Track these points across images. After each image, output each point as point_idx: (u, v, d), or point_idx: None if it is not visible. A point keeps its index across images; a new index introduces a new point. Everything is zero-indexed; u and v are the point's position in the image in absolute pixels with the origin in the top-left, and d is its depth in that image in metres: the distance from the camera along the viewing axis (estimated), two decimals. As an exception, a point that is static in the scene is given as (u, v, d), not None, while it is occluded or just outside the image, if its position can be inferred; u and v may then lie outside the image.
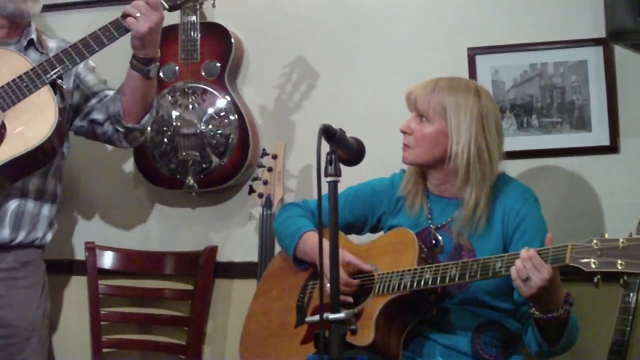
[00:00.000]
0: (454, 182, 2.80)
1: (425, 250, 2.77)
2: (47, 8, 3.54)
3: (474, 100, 2.75)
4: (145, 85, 3.08)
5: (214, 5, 3.25)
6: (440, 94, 2.74)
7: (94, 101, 3.15)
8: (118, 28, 2.95)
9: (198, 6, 3.25)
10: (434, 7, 3.59)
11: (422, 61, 3.56)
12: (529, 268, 2.40)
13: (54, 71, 2.90)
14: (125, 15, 2.94)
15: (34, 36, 3.13)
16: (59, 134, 2.91)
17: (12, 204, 3.00)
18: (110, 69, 3.39)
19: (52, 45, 3.16)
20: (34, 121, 2.85)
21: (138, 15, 2.91)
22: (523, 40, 3.47)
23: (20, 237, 3.06)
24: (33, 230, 3.11)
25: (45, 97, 2.88)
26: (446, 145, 2.73)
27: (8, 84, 2.86)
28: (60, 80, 2.95)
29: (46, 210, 3.16)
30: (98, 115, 3.14)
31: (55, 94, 2.92)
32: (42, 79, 2.88)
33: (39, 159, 2.92)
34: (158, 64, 3.10)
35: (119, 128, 3.13)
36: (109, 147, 3.79)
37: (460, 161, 2.72)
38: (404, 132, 2.80)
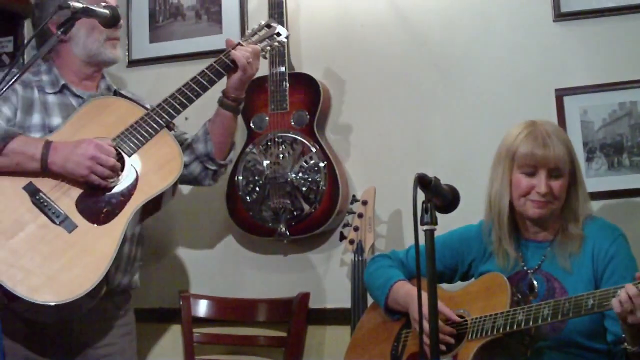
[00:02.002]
0: (551, 226, 2.85)
1: (518, 293, 2.76)
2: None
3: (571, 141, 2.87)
4: (234, 122, 3.24)
5: (285, 40, 3.36)
6: (567, 147, 2.81)
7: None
8: (218, 74, 3.09)
9: (276, 45, 3.32)
10: (520, 49, 3.59)
11: (509, 103, 3.56)
12: (637, 304, 2.38)
13: (168, 115, 3.00)
14: (227, 61, 3.09)
15: (115, 87, 3.25)
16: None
17: (125, 249, 3.05)
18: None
19: (124, 93, 3.25)
20: (159, 164, 2.95)
21: (250, 60, 3.09)
22: (611, 80, 3.45)
23: (126, 281, 3.12)
24: (134, 274, 3.18)
25: (165, 139, 3.00)
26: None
27: (128, 129, 2.95)
28: (172, 124, 3.06)
29: (140, 253, 3.23)
30: (184, 158, 3.17)
31: None
32: (160, 122, 2.98)
33: (162, 201, 3.02)
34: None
35: (210, 166, 3.24)
36: (204, 197, 3.88)
37: (577, 205, 2.82)
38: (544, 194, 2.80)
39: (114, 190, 2.86)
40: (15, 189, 2.81)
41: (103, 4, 2.89)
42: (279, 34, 3.28)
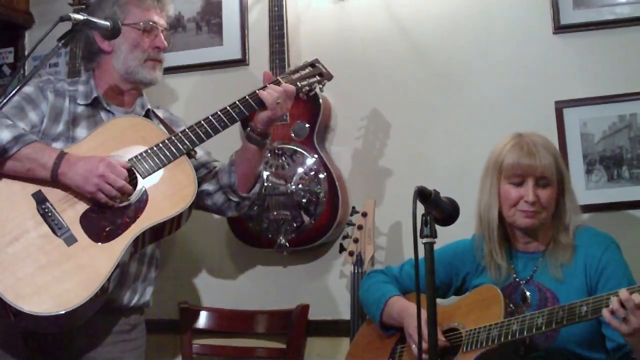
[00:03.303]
0: (542, 236, 2.87)
1: (511, 304, 2.78)
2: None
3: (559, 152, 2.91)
4: (260, 156, 3.15)
5: (327, 81, 3.27)
6: (554, 156, 2.83)
7: (203, 172, 3.19)
8: (249, 107, 3.04)
9: (320, 87, 3.26)
10: (520, 61, 3.61)
11: (509, 116, 3.57)
12: (630, 308, 2.38)
13: (190, 142, 2.96)
14: (259, 98, 3.03)
15: (149, 106, 3.22)
16: (193, 203, 2.97)
17: (132, 268, 3.04)
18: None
19: (160, 115, 3.23)
20: (172, 190, 2.91)
21: (280, 101, 3.02)
22: (610, 92, 3.46)
23: (135, 300, 3.09)
24: (144, 293, 3.15)
25: (183, 167, 2.95)
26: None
27: (146, 151, 2.92)
28: (194, 152, 3.02)
29: (153, 274, 3.20)
30: (209, 187, 3.18)
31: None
32: (180, 148, 2.94)
33: (173, 225, 2.98)
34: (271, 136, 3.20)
35: (233, 198, 3.18)
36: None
37: (567, 215, 2.83)
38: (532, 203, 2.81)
39: (121, 209, 2.83)
40: (24, 195, 2.81)
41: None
42: (322, 75, 3.22)
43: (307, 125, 3.65)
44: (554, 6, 3.54)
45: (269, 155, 3.66)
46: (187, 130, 2.99)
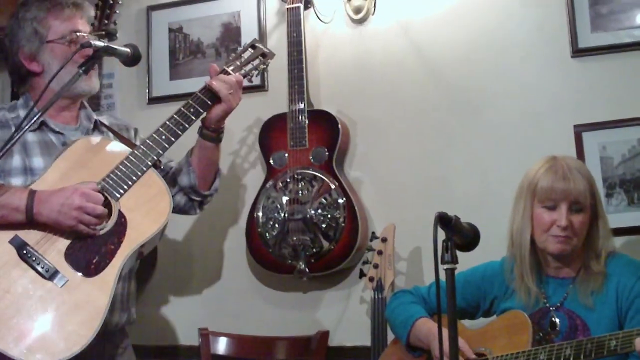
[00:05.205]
0: (573, 262, 2.84)
1: (540, 331, 2.74)
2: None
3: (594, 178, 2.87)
4: (217, 152, 3.13)
5: (270, 61, 3.27)
6: (588, 181, 2.81)
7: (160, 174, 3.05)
8: (203, 104, 3.00)
9: (262, 67, 3.24)
10: (539, 85, 3.60)
11: (528, 140, 3.57)
12: None
13: (154, 153, 2.89)
14: (212, 91, 3.00)
15: (95, 117, 3.10)
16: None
17: (119, 289, 2.91)
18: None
19: (105, 122, 3.14)
20: (148, 207, 2.84)
21: (232, 91, 3.01)
22: (629, 115, 3.45)
23: (124, 318, 3.02)
24: (131, 308, 3.07)
25: (153, 180, 2.88)
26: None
27: (113, 171, 2.83)
28: (159, 161, 2.95)
29: (134, 287, 3.12)
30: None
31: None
32: (146, 162, 2.87)
33: (156, 239, 2.91)
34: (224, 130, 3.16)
35: (195, 197, 3.16)
36: (223, 233, 3.90)
37: (600, 242, 2.81)
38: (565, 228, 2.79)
39: (103, 237, 2.74)
40: (0, 244, 2.68)
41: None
42: (264, 55, 3.22)
43: (326, 151, 3.66)
44: (572, 29, 3.54)
45: (288, 180, 3.66)
46: (147, 140, 2.91)
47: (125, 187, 2.81)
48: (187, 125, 2.96)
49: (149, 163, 2.87)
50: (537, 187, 2.81)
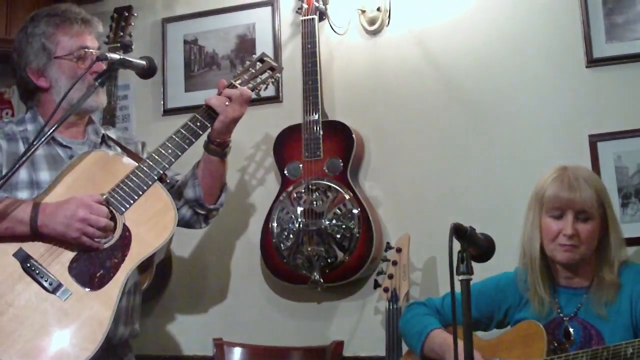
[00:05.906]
0: (584, 272, 2.83)
1: (554, 341, 2.74)
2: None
3: (605, 188, 2.86)
4: (222, 166, 3.11)
5: (279, 75, 3.27)
6: (596, 190, 2.80)
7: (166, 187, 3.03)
8: (209, 118, 2.99)
9: (270, 81, 3.21)
10: (553, 95, 3.60)
11: (543, 149, 3.56)
12: None
13: (160, 167, 2.87)
14: (210, 107, 2.99)
15: (103, 131, 3.09)
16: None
17: (123, 302, 2.90)
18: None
19: (113, 136, 3.13)
20: (153, 220, 2.82)
21: (227, 103, 2.98)
22: (645, 125, 3.44)
23: (128, 332, 2.99)
24: (135, 322, 3.05)
25: (158, 194, 2.86)
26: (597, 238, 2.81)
27: (118, 185, 2.80)
28: (164, 175, 2.93)
29: (138, 300, 3.10)
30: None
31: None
32: (152, 176, 2.85)
33: (161, 252, 2.91)
34: (230, 145, 3.14)
35: (201, 211, 3.13)
36: (237, 244, 3.90)
37: (612, 251, 2.79)
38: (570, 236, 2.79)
39: (107, 251, 2.73)
40: (5, 257, 2.67)
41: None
42: (273, 69, 3.20)
43: (340, 161, 3.66)
44: (587, 40, 3.54)
45: (303, 191, 3.67)
46: (154, 154, 2.90)
47: (131, 200, 2.80)
48: (193, 139, 2.96)
49: (155, 177, 2.85)
50: (544, 196, 2.82)
